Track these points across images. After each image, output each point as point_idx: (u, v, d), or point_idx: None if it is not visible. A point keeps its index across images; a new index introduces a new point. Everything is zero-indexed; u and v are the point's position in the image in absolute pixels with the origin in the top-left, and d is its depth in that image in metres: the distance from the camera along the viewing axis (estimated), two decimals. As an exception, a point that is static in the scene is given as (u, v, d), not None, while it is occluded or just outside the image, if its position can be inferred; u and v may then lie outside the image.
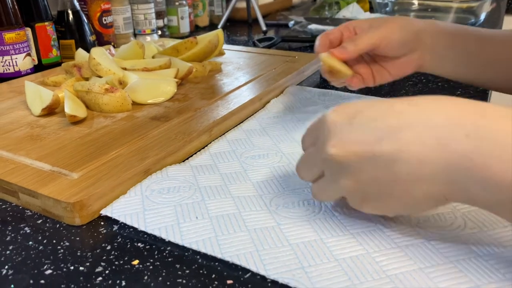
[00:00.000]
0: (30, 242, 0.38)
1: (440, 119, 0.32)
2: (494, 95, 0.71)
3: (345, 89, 0.71)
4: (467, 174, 0.30)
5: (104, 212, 0.41)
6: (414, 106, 0.33)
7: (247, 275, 0.34)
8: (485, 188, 0.29)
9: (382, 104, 0.35)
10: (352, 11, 1.23)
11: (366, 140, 0.33)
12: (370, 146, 0.33)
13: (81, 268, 0.34)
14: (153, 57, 0.76)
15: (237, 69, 0.79)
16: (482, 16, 1.15)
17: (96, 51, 0.67)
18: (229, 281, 0.33)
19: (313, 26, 1.14)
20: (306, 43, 1.06)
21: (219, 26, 1.31)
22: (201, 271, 0.34)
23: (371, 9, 1.34)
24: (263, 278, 0.33)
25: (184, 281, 0.33)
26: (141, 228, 0.38)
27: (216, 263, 0.35)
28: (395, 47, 0.56)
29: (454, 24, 0.59)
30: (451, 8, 1.14)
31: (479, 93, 0.71)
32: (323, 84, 0.77)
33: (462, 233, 0.37)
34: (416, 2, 1.21)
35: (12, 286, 0.33)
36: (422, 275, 0.33)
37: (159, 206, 0.41)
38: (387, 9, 1.25)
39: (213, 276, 0.33)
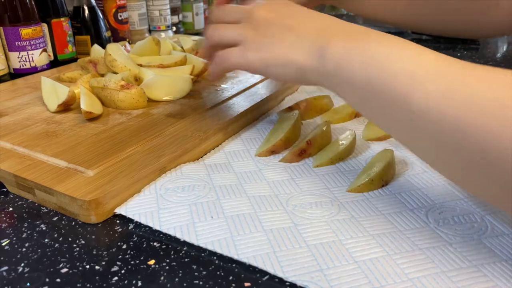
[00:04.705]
0: (46, 240, 0.37)
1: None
2: None
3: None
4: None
5: (118, 210, 0.40)
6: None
7: (265, 277, 0.33)
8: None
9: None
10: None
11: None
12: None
13: (96, 267, 0.34)
14: None
15: (253, 66, 0.78)
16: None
17: (112, 47, 0.66)
18: (246, 284, 0.32)
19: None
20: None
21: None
22: (218, 273, 0.33)
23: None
24: (281, 281, 0.32)
25: (201, 283, 0.32)
26: (156, 227, 0.38)
27: (233, 265, 0.34)
28: None
29: None
30: None
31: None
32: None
33: (484, 236, 0.36)
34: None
35: (28, 284, 0.33)
36: (445, 279, 0.32)
37: (174, 205, 0.41)
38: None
39: (230, 278, 0.33)
